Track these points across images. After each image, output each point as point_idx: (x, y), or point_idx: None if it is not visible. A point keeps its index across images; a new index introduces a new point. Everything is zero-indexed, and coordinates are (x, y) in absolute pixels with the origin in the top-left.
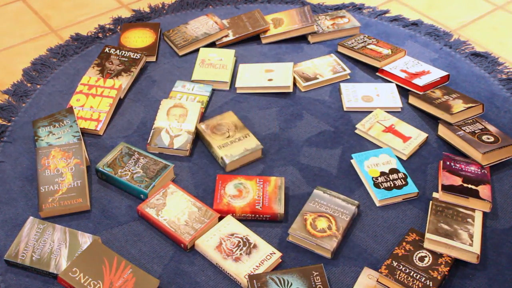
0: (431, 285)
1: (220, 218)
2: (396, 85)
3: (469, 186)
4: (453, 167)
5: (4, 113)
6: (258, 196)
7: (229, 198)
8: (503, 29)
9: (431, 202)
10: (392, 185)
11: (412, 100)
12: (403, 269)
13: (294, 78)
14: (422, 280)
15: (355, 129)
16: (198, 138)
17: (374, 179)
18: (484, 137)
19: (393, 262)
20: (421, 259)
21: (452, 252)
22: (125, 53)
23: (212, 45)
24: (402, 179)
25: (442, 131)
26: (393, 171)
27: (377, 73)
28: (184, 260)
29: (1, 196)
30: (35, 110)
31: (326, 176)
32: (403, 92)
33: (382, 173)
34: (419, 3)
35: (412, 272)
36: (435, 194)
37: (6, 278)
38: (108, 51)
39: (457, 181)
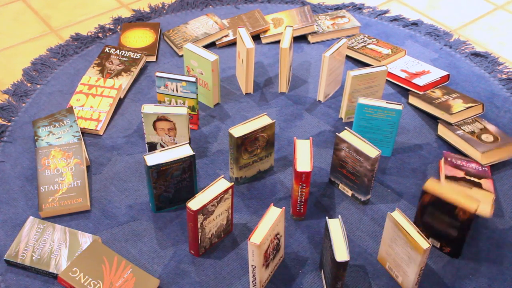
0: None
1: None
2: (396, 85)
3: (472, 178)
4: (455, 163)
5: (4, 113)
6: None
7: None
8: (503, 29)
9: None
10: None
11: (412, 100)
12: None
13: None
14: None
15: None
16: None
17: None
18: (484, 137)
19: None
20: None
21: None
22: (125, 53)
23: (212, 45)
24: None
25: (442, 131)
26: None
27: None
28: (184, 260)
29: (1, 196)
30: (35, 110)
31: (326, 176)
32: (403, 92)
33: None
34: (419, 3)
35: None
36: None
37: (6, 278)
38: (108, 51)
39: (460, 173)
